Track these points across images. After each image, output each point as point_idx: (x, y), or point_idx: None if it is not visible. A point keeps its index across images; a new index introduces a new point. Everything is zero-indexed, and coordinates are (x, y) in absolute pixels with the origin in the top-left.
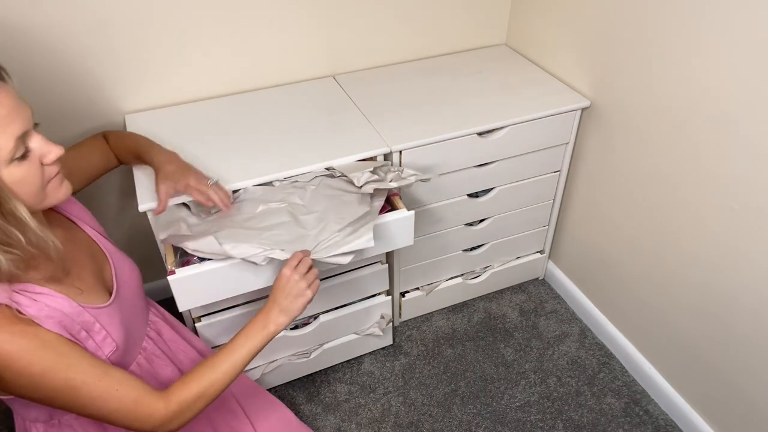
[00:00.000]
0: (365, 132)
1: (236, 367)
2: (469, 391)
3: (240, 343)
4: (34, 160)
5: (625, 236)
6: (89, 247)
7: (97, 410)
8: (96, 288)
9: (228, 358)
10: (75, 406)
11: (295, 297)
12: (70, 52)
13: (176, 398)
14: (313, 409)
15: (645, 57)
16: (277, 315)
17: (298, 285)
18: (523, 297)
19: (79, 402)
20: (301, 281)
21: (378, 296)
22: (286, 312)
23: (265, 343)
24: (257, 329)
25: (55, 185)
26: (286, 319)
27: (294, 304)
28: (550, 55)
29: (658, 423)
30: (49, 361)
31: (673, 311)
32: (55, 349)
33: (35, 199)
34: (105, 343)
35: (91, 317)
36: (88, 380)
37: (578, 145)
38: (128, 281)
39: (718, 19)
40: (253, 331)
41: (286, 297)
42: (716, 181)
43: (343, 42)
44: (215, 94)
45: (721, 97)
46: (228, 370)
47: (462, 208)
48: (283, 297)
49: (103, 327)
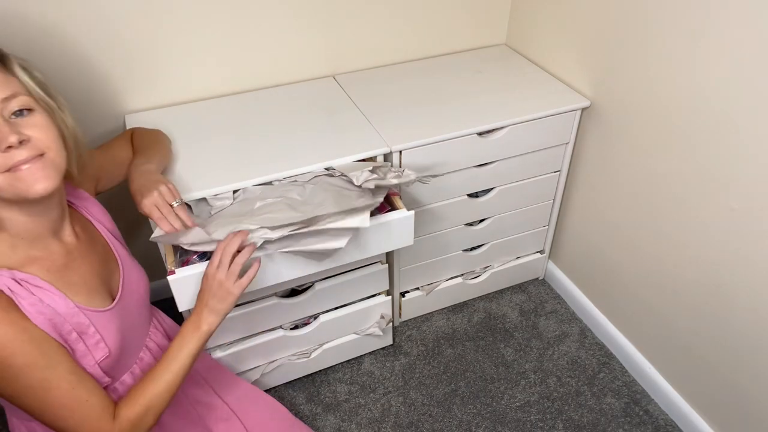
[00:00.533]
0: (365, 132)
1: (178, 375)
2: (469, 391)
3: (177, 350)
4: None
5: (625, 236)
6: (103, 249)
7: (62, 418)
8: (99, 291)
9: (168, 367)
10: (39, 408)
11: (220, 299)
12: (69, 52)
13: (125, 416)
14: (313, 409)
15: (645, 57)
16: (207, 315)
17: (223, 286)
18: (523, 297)
19: (46, 404)
20: (226, 281)
21: (378, 296)
22: (215, 312)
23: (202, 344)
24: (190, 332)
25: (17, 176)
26: (217, 318)
27: (222, 305)
28: (550, 55)
29: (658, 423)
30: (32, 357)
31: (673, 311)
32: (39, 347)
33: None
34: (97, 347)
35: (86, 319)
36: (63, 385)
37: (578, 145)
38: (135, 290)
39: (719, 19)
40: (188, 335)
41: (212, 298)
42: (716, 181)
43: (343, 42)
44: (215, 94)
45: (721, 97)
46: (171, 379)
47: (462, 208)
48: (210, 297)
49: (98, 331)
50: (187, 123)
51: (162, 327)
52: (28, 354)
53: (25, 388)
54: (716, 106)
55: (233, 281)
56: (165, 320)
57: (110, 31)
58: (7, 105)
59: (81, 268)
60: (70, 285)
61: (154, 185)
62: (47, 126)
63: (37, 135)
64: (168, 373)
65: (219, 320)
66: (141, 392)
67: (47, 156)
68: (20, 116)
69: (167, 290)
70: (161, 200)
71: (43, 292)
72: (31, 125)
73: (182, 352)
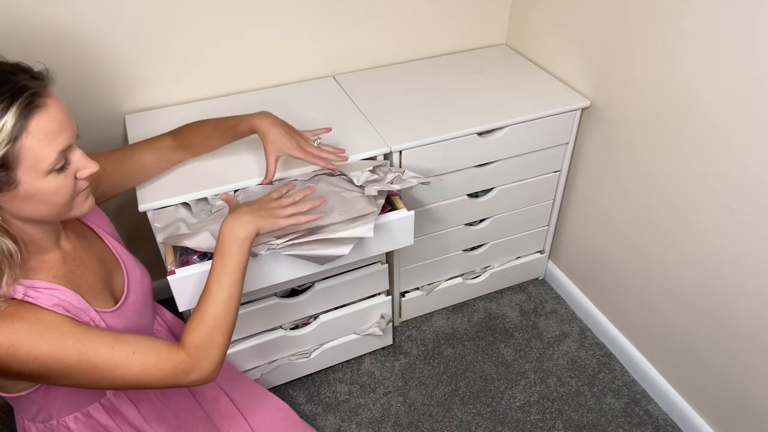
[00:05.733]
0: (365, 132)
1: (233, 288)
2: (469, 391)
3: (221, 264)
4: (70, 174)
5: (626, 236)
6: (102, 253)
7: (124, 378)
8: (102, 293)
9: (219, 283)
10: (100, 379)
11: (266, 216)
12: (68, 52)
13: (191, 342)
14: (313, 409)
15: (645, 57)
16: (247, 223)
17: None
18: (523, 297)
19: (101, 374)
20: (282, 209)
21: (378, 296)
22: (254, 222)
23: (246, 252)
24: (229, 242)
25: (82, 199)
26: (254, 229)
27: (264, 221)
28: (550, 55)
29: (658, 423)
30: (54, 341)
31: (673, 311)
32: (58, 329)
33: (61, 209)
34: None
35: (97, 315)
36: (101, 350)
37: (578, 145)
38: (138, 289)
39: (719, 19)
40: (228, 246)
41: (259, 210)
42: (716, 181)
43: (343, 42)
44: (215, 94)
45: (722, 97)
46: (226, 294)
47: (462, 208)
48: (258, 209)
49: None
50: (187, 123)
51: (165, 323)
52: (47, 340)
53: (70, 368)
54: (717, 106)
55: (287, 213)
56: (167, 317)
57: (110, 30)
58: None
59: (82, 273)
60: (76, 289)
61: (292, 132)
62: (83, 153)
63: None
64: (221, 289)
65: (253, 233)
66: (199, 316)
67: None
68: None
69: (167, 290)
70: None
71: (56, 291)
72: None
73: (228, 266)
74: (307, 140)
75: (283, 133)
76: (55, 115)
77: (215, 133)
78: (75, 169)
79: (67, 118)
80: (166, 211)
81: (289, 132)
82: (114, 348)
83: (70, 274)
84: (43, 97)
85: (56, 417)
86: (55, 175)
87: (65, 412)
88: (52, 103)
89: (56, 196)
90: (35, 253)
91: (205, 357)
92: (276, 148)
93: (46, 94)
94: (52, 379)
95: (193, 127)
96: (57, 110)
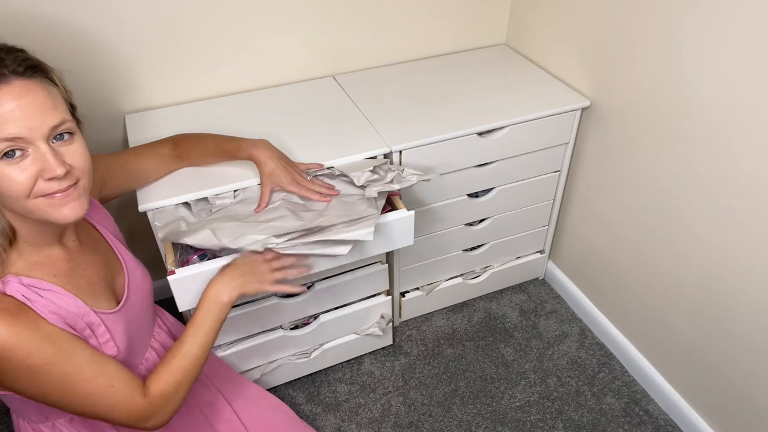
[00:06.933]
0: (365, 132)
1: (204, 347)
2: (469, 391)
3: (200, 322)
4: (26, 168)
5: (626, 236)
6: (106, 253)
7: (93, 407)
8: (104, 294)
9: (194, 339)
10: (69, 402)
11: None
12: (68, 52)
13: (157, 391)
14: (313, 409)
15: (645, 57)
16: (231, 289)
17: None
18: (523, 297)
19: (73, 397)
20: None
21: (378, 296)
22: (239, 289)
23: (224, 316)
24: (212, 303)
25: (57, 202)
26: (238, 296)
27: (249, 287)
28: (550, 55)
29: (658, 423)
30: (49, 354)
31: (673, 311)
32: (55, 343)
33: (17, 204)
34: (107, 346)
35: (97, 318)
36: (85, 376)
37: (578, 145)
38: (139, 291)
39: (719, 19)
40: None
41: (246, 275)
42: (716, 181)
43: (343, 42)
44: (215, 94)
45: (722, 97)
46: (197, 352)
47: (462, 208)
48: (244, 274)
49: (108, 330)
50: (187, 123)
51: (166, 326)
52: (44, 352)
53: (49, 385)
54: (717, 106)
55: (274, 278)
56: (168, 319)
57: (110, 31)
58: (55, 131)
59: (85, 271)
60: (77, 288)
61: (288, 165)
62: (85, 153)
63: (77, 164)
64: (194, 346)
65: (237, 299)
66: (169, 367)
67: (80, 183)
68: (61, 140)
69: (167, 290)
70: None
71: (54, 294)
72: (72, 153)
73: (205, 325)
74: (302, 174)
75: (279, 167)
76: (13, 98)
77: (214, 152)
78: (39, 168)
79: (34, 109)
80: (166, 211)
81: (285, 165)
82: (97, 378)
83: (72, 273)
84: (10, 76)
85: (52, 418)
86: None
87: (61, 413)
88: (19, 87)
89: (5, 187)
90: (36, 245)
91: (165, 409)
92: (272, 180)
93: (17, 75)
94: (29, 391)
95: (194, 141)
96: (22, 96)
